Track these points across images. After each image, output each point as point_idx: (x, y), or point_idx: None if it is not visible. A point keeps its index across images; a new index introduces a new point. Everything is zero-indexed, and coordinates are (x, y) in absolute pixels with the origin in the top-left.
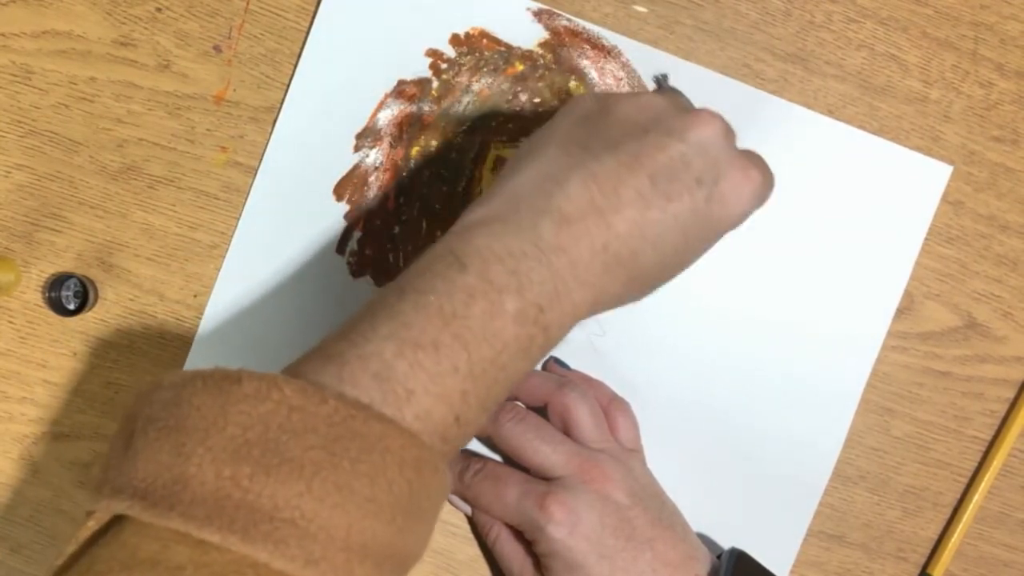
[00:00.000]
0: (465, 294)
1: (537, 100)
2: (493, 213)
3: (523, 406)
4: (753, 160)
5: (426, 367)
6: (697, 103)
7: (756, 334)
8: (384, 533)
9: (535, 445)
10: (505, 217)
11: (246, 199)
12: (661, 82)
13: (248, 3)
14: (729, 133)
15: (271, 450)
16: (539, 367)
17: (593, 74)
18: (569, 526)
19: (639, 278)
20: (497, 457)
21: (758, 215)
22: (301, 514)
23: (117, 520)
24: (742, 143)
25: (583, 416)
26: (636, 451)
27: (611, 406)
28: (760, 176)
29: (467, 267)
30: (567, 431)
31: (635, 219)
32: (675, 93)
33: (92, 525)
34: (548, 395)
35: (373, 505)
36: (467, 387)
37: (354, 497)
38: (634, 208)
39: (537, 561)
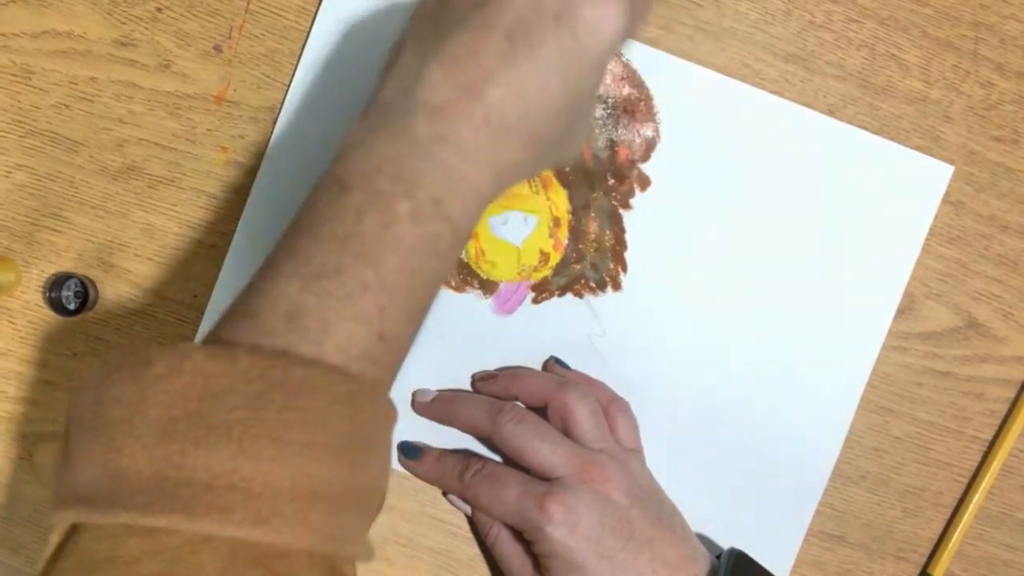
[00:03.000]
0: (354, 213)
1: None
2: (365, 128)
3: (523, 406)
4: None
5: (334, 293)
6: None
7: (756, 334)
8: (332, 473)
9: (535, 445)
10: (377, 127)
11: (246, 199)
12: None
13: (248, 3)
14: None
15: (196, 422)
16: (539, 367)
17: None
18: (569, 526)
19: (537, 139)
20: (497, 457)
21: (759, 216)
22: (240, 477)
23: (75, 529)
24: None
25: (583, 416)
26: (636, 451)
27: (611, 406)
28: None
29: (351, 187)
30: (567, 431)
31: (506, 81)
32: None
33: (55, 539)
34: (548, 395)
35: (313, 450)
36: (382, 302)
37: (290, 446)
38: (500, 71)
39: (537, 561)
